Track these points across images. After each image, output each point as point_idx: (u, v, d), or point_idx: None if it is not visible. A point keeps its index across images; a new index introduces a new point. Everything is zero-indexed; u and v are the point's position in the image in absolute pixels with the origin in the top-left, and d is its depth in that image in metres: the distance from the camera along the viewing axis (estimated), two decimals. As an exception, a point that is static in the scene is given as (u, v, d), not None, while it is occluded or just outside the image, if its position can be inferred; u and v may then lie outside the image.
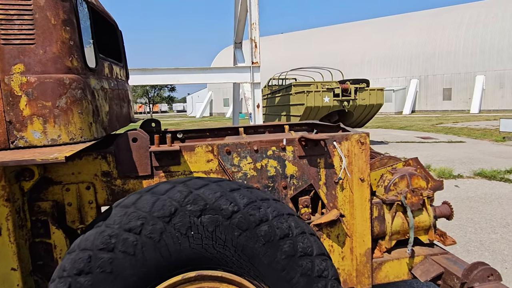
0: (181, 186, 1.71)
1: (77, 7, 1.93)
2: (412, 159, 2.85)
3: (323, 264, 1.79)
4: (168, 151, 2.22)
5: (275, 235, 1.69)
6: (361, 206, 2.47)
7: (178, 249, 1.62)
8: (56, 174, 2.18)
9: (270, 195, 1.88)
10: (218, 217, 1.64)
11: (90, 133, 1.94)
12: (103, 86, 2.21)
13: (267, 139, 2.37)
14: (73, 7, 1.89)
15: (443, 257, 2.63)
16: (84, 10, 2.04)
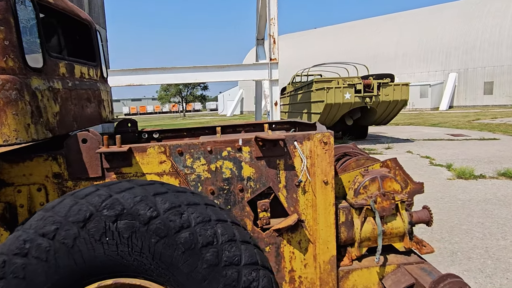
0: (103, 189, 1.66)
1: (15, 7, 1.91)
2: (390, 160, 2.66)
3: (253, 275, 1.67)
4: (118, 152, 2.17)
5: (196, 242, 1.60)
6: (324, 210, 2.33)
7: (93, 256, 1.56)
8: (8, 176, 2.19)
9: (204, 200, 1.79)
10: (135, 222, 1.57)
11: (28, 135, 1.92)
12: (53, 86, 2.19)
13: (222, 139, 2.27)
14: (10, 6, 1.88)
15: (417, 266, 2.43)
16: (26, 9, 2.02)
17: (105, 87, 3.15)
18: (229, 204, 2.28)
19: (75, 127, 2.44)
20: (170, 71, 10.71)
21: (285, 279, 2.38)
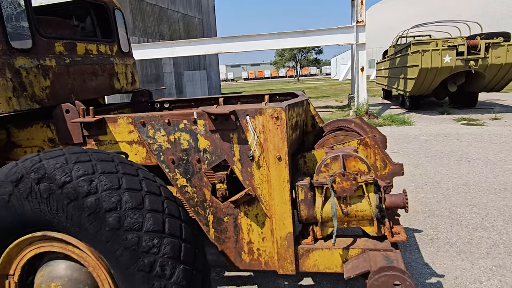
0: (39, 155, 1.93)
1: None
2: (369, 137, 2.44)
3: (154, 241, 1.80)
4: (92, 122, 2.45)
5: (101, 207, 1.78)
6: (279, 186, 2.28)
7: (23, 211, 1.87)
8: (17, 139, 2.66)
9: (125, 170, 1.95)
10: (52, 185, 1.82)
11: (9, 106, 2.30)
12: (43, 64, 2.54)
13: (178, 112, 2.37)
14: (-8, -2, 2.22)
15: (382, 254, 2.24)
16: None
17: (123, 61, 3.46)
18: (188, 174, 2.40)
19: (73, 98, 2.79)
20: (255, 38, 10.85)
21: (244, 250, 2.44)
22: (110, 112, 3.17)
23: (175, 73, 16.75)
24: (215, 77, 22.06)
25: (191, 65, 18.53)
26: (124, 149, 2.50)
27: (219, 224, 2.44)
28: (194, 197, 2.44)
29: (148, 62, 14.45)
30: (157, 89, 5.58)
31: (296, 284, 2.98)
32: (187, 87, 18.00)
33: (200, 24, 19.99)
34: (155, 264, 1.80)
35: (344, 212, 2.30)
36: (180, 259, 1.86)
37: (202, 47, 11.33)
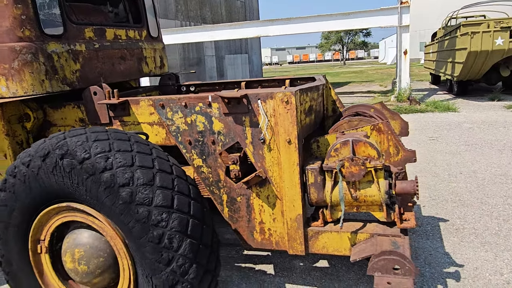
0: (64, 133, 2.12)
1: (32, -13, 2.44)
2: (382, 123, 2.42)
3: (163, 216, 1.93)
4: (117, 103, 2.61)
5: (115, 182, 1.93)
6: (289, 169, 2.34)
7: (49, 183, 2.07)
8: (52, 118, 2.90)
9: (140, 148, 2.08)
10: (73, 161, 1.99)
11: (42, 88, 2.51)
12: (74, 48, 2.73)
13: (194, 96, 2.47)
14: (27, -12, 2.41)
15: (391, 239, 2.25)
16: (46, -12, 2.54)
17: (152, 45, 3.61)
18: (203, 155, 2.51)
19: (102, 81, 2.97)
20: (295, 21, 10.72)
21: (256, 229, 2.54)
22: (138, 94, 3.33)
23: (216, 57, 16.96)
24: (256, 61, 22.06)
25: (232, 48, 18.66)
26: (145, 130, 2.65)
27: (233, 204, 2.54)
28: (209, 177, 2.55)
29: (189, 46, 14.73)
30: (187, 73, 5.74)
31: (311, 266, 3.04)
32: (228, 71, 18.19)
33: (243, 7, 19.98)
34: (163, 236, 1.93)
35: (353, 196, 2.31)
36: (187, 233, 1.99)
37: (241, 31, 11.38)
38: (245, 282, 2.88)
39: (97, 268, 2.14)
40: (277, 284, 2.83)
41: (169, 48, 13.43)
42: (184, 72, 4.65)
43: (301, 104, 2.39)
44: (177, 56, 14.11)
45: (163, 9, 13.36)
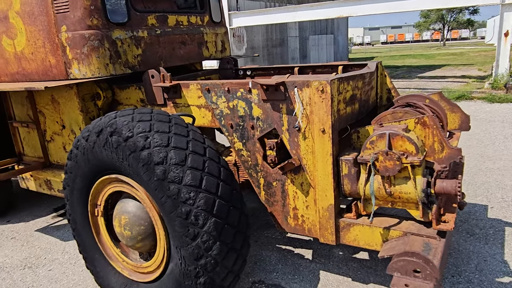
0: (116, 113, 2.37)
1: (100, -21, 2.72)
2: (428, 117, 2.26)
3: (191, 194, 2.08)
4: (170, 86, 2.83)
5: (152, 161, 2.13)
6: (322, 159, 2.34)
7: (101, 157, 2.35)
8: (120, 97, 3.23)
9: (178, 129, 2.25)
10: (119, 139, 2.23)
11: (106, 71, 2.81)
12: (136, 35, 2.98)
13: (236, 81, 2.56)
14: (96, -20, 2.70)
15: (425, 239, 2.14)
16: (112, -21, 2.80)
17: (214, 30, 3.76)
18: (243, 139, 2.62)
19: (162, 65, 3.20)
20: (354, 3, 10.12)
21: (290, 214, 2.59)
22: (197, 78, 3.53)
23: (300, 38, 16.77)
24: (342, 42, 21.32)
25: (317, 29, 18.24)
26: (194, 112, 2.83)
27: (269, 188, 2.62)
28: (248, 161, 2.65)
29: (273, 27, 14.78)
30: (248, 56, 5.83)
31: (350, 256, 3.01)
32: (311, 52, 17.90)
33: (332, -15, 19.32)
34: (190, 213, 2.09)
35: (387, 191, 2.23)
36: (212, 212, 2.12)
37: (325, 11, 11.06)
38: (282, 263, 2.96)
39: (138, 234, 2.39)
40: (312, 270, 2.87)
41: (252, 29, 13.66)
42: (244, 56, 4.75)
43: (340, 93, 2.34)
44: (260, 37, 14.27)
45: (249, -10, 13.54)
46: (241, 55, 3.95)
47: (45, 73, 2.95)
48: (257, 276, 2.83)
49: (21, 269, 3.11)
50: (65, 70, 2.86)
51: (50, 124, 3.44)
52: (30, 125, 3.53)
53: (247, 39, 13.61)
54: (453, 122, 2.87)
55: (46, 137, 3.54)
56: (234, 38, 12.83)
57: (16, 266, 3.16)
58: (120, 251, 2.63)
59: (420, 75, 15.06)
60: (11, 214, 4.14)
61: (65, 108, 3.23)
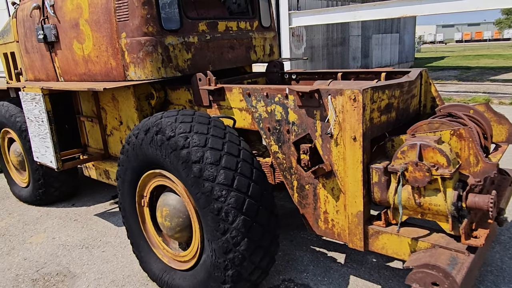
0: (162, 114, 2.60)
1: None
2: (464, 129, 2.22)
3: (223, 192, 2.24)
4: (214, 89, 3.02)
5: (190, 159, 2.32)
6: (353, 166, 2.38)
7: (147, 153, 2.59)
8: (171, 98, 3.50)
9: (213, 132, 2.42)
10: (163, 137, 2.45)
11: (158, 74, 3.07)
12: (187, 41, 3.20)
13: (274, 87, 2.68)
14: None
15: (452, 253, 2.12)
16: (168, -10, 3.05)
17: (263, 35, 3.90)
18: (279, 142, 2.73)
19: (211, 68, 3.40)
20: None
21: (320, 217, 2.67)
22: (244, 81, 3.69)
23: (362, 37, 16.33)
24: (409, 41, 20.39)
25: (381, 27, 17.64)
26: (236, 115, 2.99)
27: (302, 190, 2.71)
28: (283, 163, 2.76)
29: (334, 26, 14.57)
30: (296, 59, 5.89)
31: (383, 264, 3.00)
32: (374, 51, 17.35)
33: (399, -18, 18.55)
34: (221, 210, 2.25)
35: (416, 202, 2.23)
36: (242, 211, 2.27)
37: (387, 11, 10.71)
38: (313, 264, 3.04)
39: (177, 226, 2.61)
40: (342, 274, 2.91)
41: (312, 28, 13.60)
42: (293, 59, 4.84)
43: (373, 101, 2.36)
44: (320, 36, 14.16)
45: (311, -11, 13.49)
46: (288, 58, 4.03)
47: (107, 74, 3.29)
48: (288, 275, 2.93)
49: (80, 248, 3.50)
50: (124, 72, 3.17)
51: (110, 120, 3.81)
52: (94, 119, 3.93)
53: (306, 38, 13.58)
54: (499, 134, 2.75)
55: (107, 131, 3.92)
56: (293, 37, 12.87)
57: (76, 245, 3.56)
58: (162, 240, 2.87)
59: (493, 78, 14.02)
60: (75, 199, 4.64)
61: (123, 106, 3.57)
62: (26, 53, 4.19)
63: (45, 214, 4.27)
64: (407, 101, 2.77)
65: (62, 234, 3.78)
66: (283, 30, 12.51)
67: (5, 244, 3.65)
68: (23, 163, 4.43)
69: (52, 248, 3.51)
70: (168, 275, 2.77)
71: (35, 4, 3.70)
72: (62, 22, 3.49)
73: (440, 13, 9.77)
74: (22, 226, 4.00)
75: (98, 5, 3.12)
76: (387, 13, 10.72)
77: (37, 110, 3.56)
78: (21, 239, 3.72)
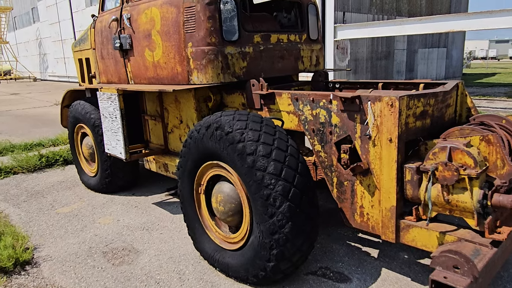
0: (221, 113, 3.02)
1: (220, 7, 3.44)
2: (492, 135, 2.46)
3: (272, 181, 2.62)
4: (265, 94, 3.42)
5: (245, 152, 2.72)
6: (388, 164, 2.68)
7: (207, 146, 3.02)
8: (226, 101, 3.94)
9: (264, 129, 2.80)
10: (222, 133, 2.87)
11: (218, 79, 3.52)
12: (244, 50, 3.64)
13: (320, 93, 3.03)
14: (217, 8, 3.42)
15: (477, 246, 2.36)
16: (229, 6, 3.50)
17: (310, 47, 4.27)
18: (322, 142, 3.07)
19: (262, 76, 3.81)
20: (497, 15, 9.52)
21: (357, 211, 2.97)
22: (291, 88, 4.07)
23: (407, 51, 16.29)
24: (456, 56, 19.98)
25: (428, 42, 17.48)
26: (284, 117, 3.36)
27: (340, 186, 3.03)
28: (325, 161, 3.09)
29: (379, 39, 14.69)
30: (340, 70, 6.18)
31: (414, 260, 3.23)
32: (419, 66, 17.21)
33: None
34: (270, 196, 2.62)
35: (445, 199, 2.48)
36: (288, 198, 2.62)
37: (433, 25, 10.74)
38: (349, 256, 3.32)
39: (229, 210, 3.01)
40: (375, 266, 3.17)
41: (357, 41, 13.81)
42: (336, 70, 5.16)
43: (409, 108, 2.65)
44: (365, 49, 14.33)
45: (357, 4, 13.73)
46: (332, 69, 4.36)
47: (172, 78, 3.78)
48: (325, 263, 3.24)
49: (141, 230, 3.99)
50: (187, 77, 3.64)
51: (171, 119, 4.31)
52: (157, 118, 4.45)
53: (351, 50, 13.80)
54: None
55: (168, 129, 4.42)
56: (337, 49, 13.15)
57: (137, 227, 4.06)
58: (215, 223, 3.28)
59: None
60: (135, 189, 5.18)
61: (184, 107, 4.05)
62: (102, 59, 4.81)
63: (110, 200, 4.83)
64: (441, 110, 3.02)
65: (125, 217, 4.30)
66: (328, 42, 12.83)
67: (78, 223, 4.22)
68: (93, 155, 5.05)
69: (118, 228, 4.03)
70: (219, 254, 3.16)
71: (114, 17, 4.30)
72: (136, 33, 4.05)
73: (490, 29, 9.69)
74: (91, 209, 4.57)
75: (169, 19, 3.63)
76: (433, 27, 10.76)
77: (111, 108, 4.12)
78: (91, 220, 4.28)
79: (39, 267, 3.38)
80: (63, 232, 4.02)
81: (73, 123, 5.30)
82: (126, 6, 4.19)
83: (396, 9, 15.45)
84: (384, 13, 14.91)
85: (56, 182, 5.67)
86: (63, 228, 4.13)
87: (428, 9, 17.09)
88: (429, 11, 17.07)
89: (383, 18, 14.82)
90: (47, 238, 3.91)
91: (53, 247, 3.71)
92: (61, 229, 4.10)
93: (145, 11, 3.88)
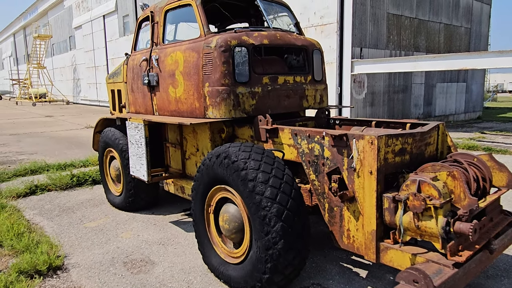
0: (230, 145, 3.55)
1: (234, 53, 4.03)
2: (456, 171, 2.87)
3: (268, 204, 3.09)
4: (269, 129, 3.94)
5: (247, 178, 3.21)
6: (369, 193, 3.11)
7: (217, 172, 3.53)
8: (237, 133, 4.48)
9: (264, 160, 3.30)
10: (229, 161, 3.38)
11: (229, 115, 4.07)
12: (253, 90, 4.20)
13: (315, 130, 3.52)
14: (231, 54, 4.02)
15: (440, 266, 2.73)
16: (241, 53, 4.09)
17: (314, 87, 4.80)
18: (316, 172, 3.54)
19: (270, 112, 4.35)
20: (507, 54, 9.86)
21: (344, 234, 3.38)
22: (295, 124, 4.58)
23: (425, 85, 16.62)
24: (477, 90, 20.11)
25: (447, 76, 17.78)
26: (285, 149, 3.86)
27: (331, 211, 3.46)
28: (318, 189, 3.54)
29: (396, 73, 15.13)
30: (342, 107, 6.63)
31: (399, 282, 3.57)
32: (437, 100, 17.46)
33: (467, 34, 18.70)
34: (266, 216, 3.09)
35: (416, 225, 2.88)
36: (281, 218, 3.08)
37: (446, 63, 11.16)
38: (339, 275, 3.70)
39: (233, 228, 3.48)
40: (362, 285, 3.54)
41: (374, 75, 14.29)
42: (340, 107, 5.64)
43: (388, 145, 3.10)
44: (382, 83, 14.77)
45: (375, 40, 14.30)
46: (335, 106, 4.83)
47: (191, 112, 4.36)
48: (317, 280, 3.63)
49: (157, 244, 4.49)
50: (204, 112, 4.22)
51: (189, 147, 4.87)
52: (177, 146, 5.03)
53: (367, 84, 14.27)
54: (501, 180, 3.30)
55: (186, 156, 4.98)
56: (354, 83, 13.65)
57: (155, 242, 4.56)
58: (221, 240, 3.75)
59: None
60: (155, 208, 5.73)
61: (200, 137, 4.61)
62: (132, 92, 5.48)
63: (132, 217, 5.38)
64: (420, 148, 3.45)
65: (144, 233, 4.82)
66: (345, 76, 13.39)
67: (103, 236, 4.77)
68: (120, 176, 5.66)
69: (137, 242, 4.55)
70: (224, 267, 3.61)
71: (144, 57, 4.98)
72: (162, 72, 4.69)
73: (504, 67, 10.02)
74: (115, 225, 5.12)
75: (191, 62, 4.25)
76: (447, 65, 11.16)
77: (138, 136, 4.73)
78: (114, 234, 4.82)
79: (69, 272, 3.91)
80: (90, 244, 4.56)
81: (103, 147, 5.96)
82: (155, 49, 4.86)
83: (414, 45, 15.93)
84: (401, 49, 15.40)
85: (85, 199, 6.29)
86: (90, 240, 4.68)
87: (446, 45, 17.49)
88: (448, 48, 17.46)
89: (400, 53, 15.30)
90: (76, 248, 4.46)
91: (81, 256, 4.25)
92: (88, 241, 4.65)
93: (171, 54, 4.53)
